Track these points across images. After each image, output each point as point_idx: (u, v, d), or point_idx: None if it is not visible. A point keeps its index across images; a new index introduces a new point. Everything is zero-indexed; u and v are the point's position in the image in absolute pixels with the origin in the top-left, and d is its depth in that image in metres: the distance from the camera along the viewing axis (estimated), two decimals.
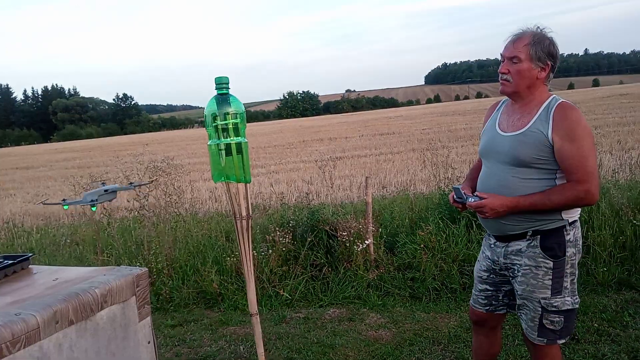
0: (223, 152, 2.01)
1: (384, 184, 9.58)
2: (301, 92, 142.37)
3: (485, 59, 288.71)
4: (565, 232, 1.88)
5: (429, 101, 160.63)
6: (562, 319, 1.92)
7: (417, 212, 5.22)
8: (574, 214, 1.92)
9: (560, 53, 1.94)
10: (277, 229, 4.52)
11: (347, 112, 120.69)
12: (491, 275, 2.13)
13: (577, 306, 1.94)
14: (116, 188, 1.79)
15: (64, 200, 1.79)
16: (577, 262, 1.93)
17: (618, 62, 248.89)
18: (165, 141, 42.15)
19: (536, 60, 1.89)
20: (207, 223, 5.57)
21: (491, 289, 2.15)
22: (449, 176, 6.24)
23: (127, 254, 4.86)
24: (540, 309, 1.93)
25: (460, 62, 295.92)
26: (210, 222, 5.65)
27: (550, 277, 1.90)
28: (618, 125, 16.80)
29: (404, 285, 4.07)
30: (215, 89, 2.03)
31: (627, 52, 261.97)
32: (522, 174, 1.89)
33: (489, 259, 2.12)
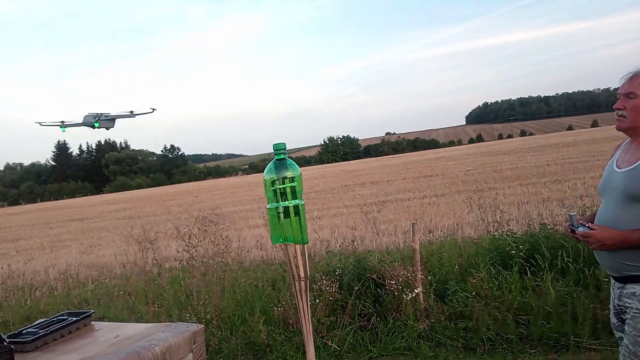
0: (282, 214, 2.08)
1: (430, 228, 9.41)
2: (341, 137, 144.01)
3: (527, 96, 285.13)
4: None
5: (471, 141, 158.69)
6: None
7: (466, 257, 5.08)
8: None
9: None
10: (324, 277, 4.50)
11: (387, 154, 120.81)
12: (617, 322, 2.08)
13: None
14: (115, 116, 1.85)
15: (62, 122, 1.86)
16: None
17: None
18: (211, 189, 43.29)
19: None
20: (253, 272, 5.62)
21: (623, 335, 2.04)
22: (498, 219, 6.09)
23: (177, 304, 4.94)
24: None
25: (502, 100, 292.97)
26: (257, 271, 5.70)
27: None
28: None
29: (456, 336, 3.92)
30: (274, 154, 2.13)
31: None
32: (634, 210, 1.87)
33: (613, 301, 2.09)
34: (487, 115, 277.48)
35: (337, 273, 4.64)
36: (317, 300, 4.32)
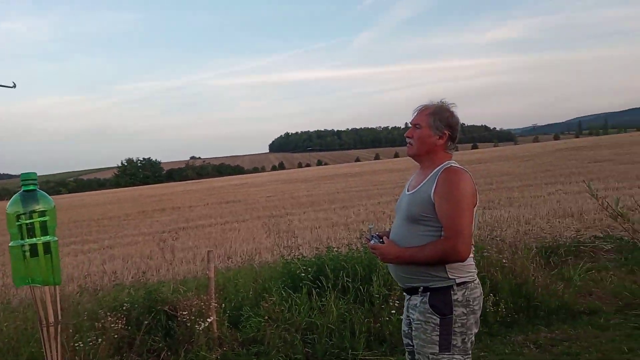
0: (28, 253, 1.82)
1: (229, 254, 9.45)
2: (142, 159, 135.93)
3: (323, 129, 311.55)
4: (452, 292, 2.00)
5: (274, 168, 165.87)
6: None
7: (261, 282, 5.22)
8: (464, 276, 2.02)
9: (459, 125, 2.16)
10: (109, 313, 4.11)
11: (192, 179, 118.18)
12: (407, 329, 2.23)
13: None
14: None
15: None
16: (471, 322, 2.02)
17: None
18: None
19: (435, 129, 2.13)
20: (22, 313, 4.83)
21: (411, 343, 2.19)
22: (291, 244, 6.42)
23: None
24: None
25: (301, 131, 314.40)
26: (27, 311, 4.91)
27: (438, 333, 2.00)
28: None
29: None
30: (21, 185, 1.86)
31: None
32: (413, 229, 2.08)
33: (405, 312, 2.24)
34: (288, 145, 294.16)
35: (124, 308, 4.29)
36: (100, 340, 3.92)
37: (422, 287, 2.06)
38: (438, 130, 2.13)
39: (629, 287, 4.73)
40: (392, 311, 4.23)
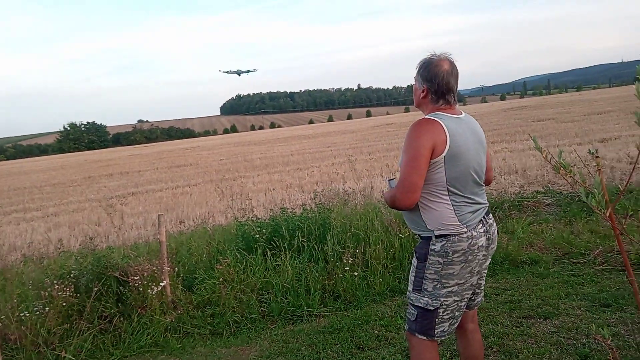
0: None
1: (182, 218, 9.29)
2: (86, 123, 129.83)
3: (276, 91, 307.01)
4: (431, 242, 2.09)
5: (225, 131, 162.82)
6: (416, 314, 2.16)
7: (215, 245, 5.18)
8: (442, 229, 2.06)
9: (441, 78, 2.07)
10: (55, 281, 3.97)
11: (140, 143, 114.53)
12: None
13: (431, 308, 2.11)
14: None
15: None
16: (449, 272, 2.07)
17: (384, 96, 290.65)
18: None
19: (418, 84, 2.16)
20: None
21: None
22: (245, 206, 6.38)
23: None
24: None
25: (254, 93, 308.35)
26: None
27: (414, 274, 2.17)
28: (386, 151, 19.50)
29: (204, 323, 3.97)
30: None
31: (390, 87, 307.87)
32: None
33: None
34: (240, 107, 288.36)
35: (72, 275, 4.16)
36: (47, 309, 3.79)
37: (417, 235, 2.19)
38: (420, 84, 2.16)
39: (566, 237, 5.01)
40: (346, 268, 4.31)
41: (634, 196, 6.04)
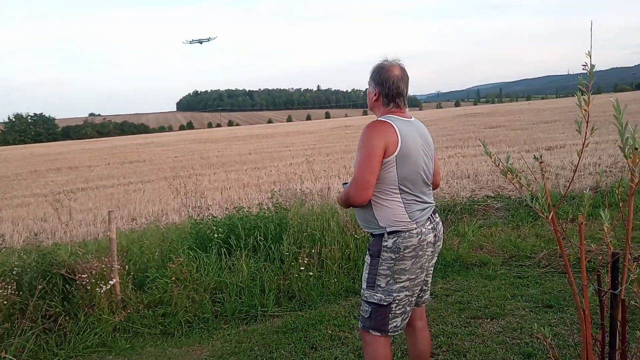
0: None
1: (133, 215, 9.05)
2: (33, 115, 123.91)
3: (234, 89, 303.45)
4: (384, 239, 2.15)
5: (181, 128, 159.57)
6: (370, 310, 2.20)
7: (168, 244, 5.07)
8: (394, 225, 2.14)
9: (392, 82, 2.18)
10: None
11: (91, 137, 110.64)
12: None
13: (385, 304, 2.17)
14: None
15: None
16: (401, 268, 2.15)
17: (343, 98, 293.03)
18: None
19: (371, 87, 2.27)
20: None
21: None
22: (200, 204, 6.27)
23: None
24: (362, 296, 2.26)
25: (211, 90, 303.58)
26: None
27: (367, 271, 2.22)
28: (344, 152, 19.68)
29: (155, 323, 3.87)
30: None
31: (349, 90, 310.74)
32: None
33: None
34: (197, 104, 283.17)
35: (15, 272, 3.97)
36: None
37: (370, 233, 2.25)
38: (372, 88, 2.26)
39: (513, 241, 5.23)
40: (302, 268, 4.33)
41: (576, 202, 6.36)
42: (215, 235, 4.77)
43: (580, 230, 1.68)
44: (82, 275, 3.88)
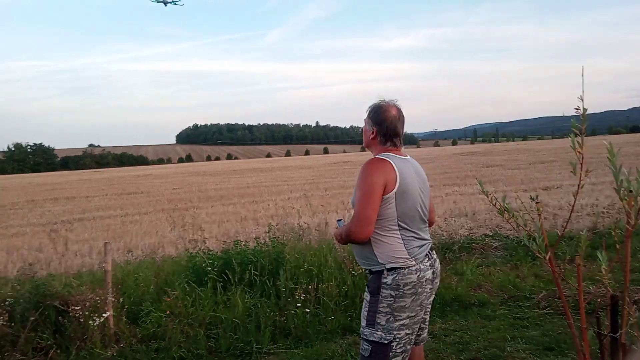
0: None
1: (130, 247, 8.98)
2: (32, 144, 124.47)
3: (234, 123, 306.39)
4: (383, 276, 2.15)
5: (180, 160, 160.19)
6: (370, 349, 2.16)
7: (163, 277, 5.03)
8: (393, 262, 2.14)
9: (389, 122, 2.26)
10: None
11: (90, 168, 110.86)
12: None
13: (385, 342, 2.14)
14: None
15: None
16: (401, 305, 2.13)
17: (342, 134, 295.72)
18: None
19: (369, 125, 2.33)
20: None
21: None
22: (197, 237, 6.25)
23: None
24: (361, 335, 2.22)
25: (211, 124, 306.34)
26: None
27: (367, 309, 2.20)
28: (342, 187, 19.72)
29: (148, 358, 3.79)
30: None
31: (348, 127, 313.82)
32: None
33: None
34: (197, 137, 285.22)
35: (7, 303, 3.91)
36: None
37: (368, 270, 2.23)
38: (370, 127, 2.33)
39: (512, 281, 5.19)
40: (298, 304, 4.27)
41: (574, 242, 6.35)
42: (209, 269, 4.73)
43: (578, 272, 1.69)
44: (76, 307, 3.83)
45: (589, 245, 1.71)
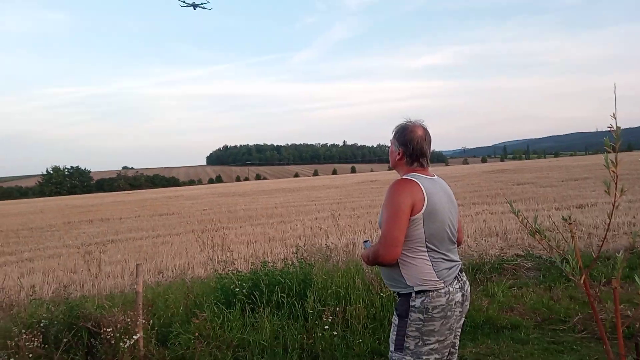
0: None
1: (160, 268, 9.10)
2: (69, 167, 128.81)
3: (262, 143, 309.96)
4: (411, 298, 2.13)
5: (210, 181, 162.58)
6: None
7: (192, 298, 5.07)
8: (422, 284, 2.12)
9: (416, 143, 2.26)
10: (24, 330, 3.83)
11: (123, 190, 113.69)
12: None
13: None
14: None
15: None
16: (430, 329, 2.10)
17: (369, 153, 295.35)
18: None
19: (395, 146, 2.33)
20: None
21: None
22: (225, 258, 6.29)
23: None
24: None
25: (240, 145, 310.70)
26: None
27: (395, 333, 2.17)
28: (370, 207, 19.60)
29: None
30: None
31: (375, 145, 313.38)
32: None
33: None
34: (226, 158, 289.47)
35: (42, 325, 4.02)
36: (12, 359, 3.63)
37: (396, 293, 2.21)
38: (396, 147, 2.32)
39: (546, 303, 5.03)
40: (326, 327, 4.24)
41: (611, 263, 6.12)
42: (238, 290, 4.76)
43: (615, 295, 1.62)
44: (107, 329, 3.90)
45: (626, 266, 1.65)
